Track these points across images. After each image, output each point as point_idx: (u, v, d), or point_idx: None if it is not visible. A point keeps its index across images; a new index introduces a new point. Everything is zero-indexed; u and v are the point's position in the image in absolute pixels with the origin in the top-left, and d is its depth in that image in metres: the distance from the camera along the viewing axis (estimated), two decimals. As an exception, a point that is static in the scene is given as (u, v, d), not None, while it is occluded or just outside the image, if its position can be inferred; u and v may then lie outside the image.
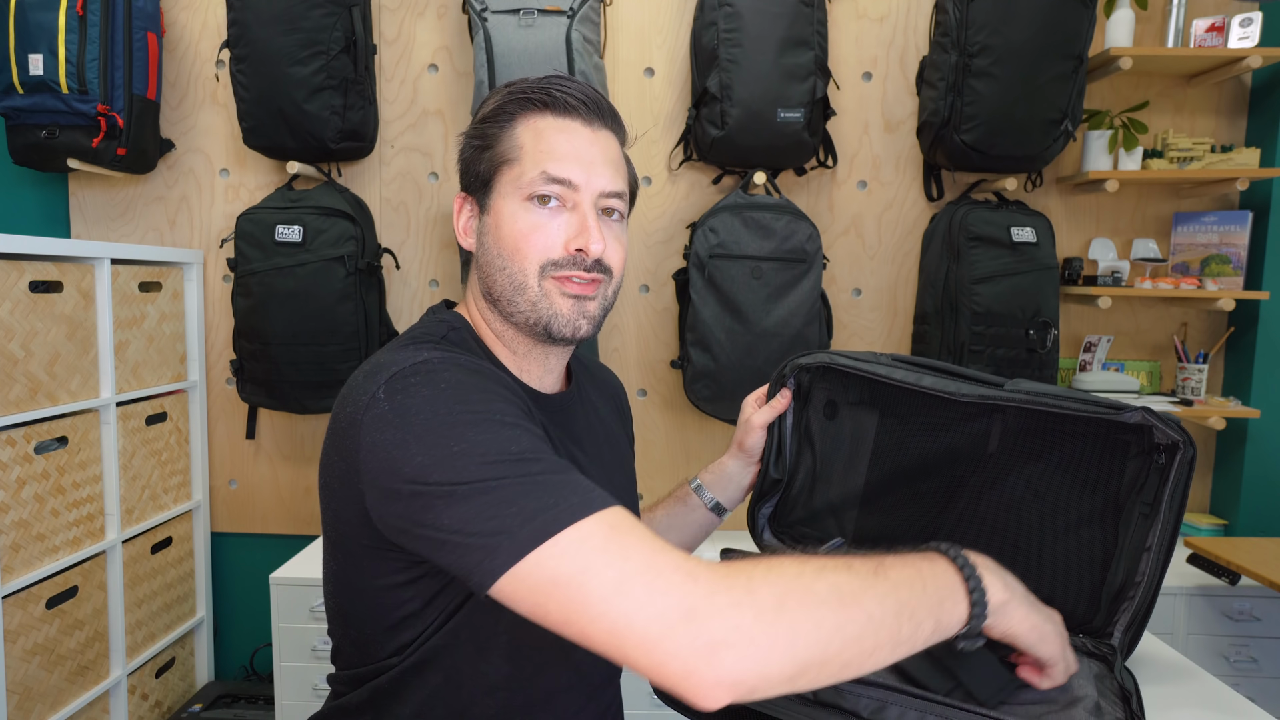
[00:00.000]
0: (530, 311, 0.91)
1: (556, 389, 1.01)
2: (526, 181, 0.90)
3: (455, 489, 0.70)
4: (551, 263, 0.90)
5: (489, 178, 0.93)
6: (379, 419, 0.77)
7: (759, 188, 2.36)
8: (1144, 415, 0.87)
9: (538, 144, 0.91)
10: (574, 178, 0.90)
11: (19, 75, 2.12)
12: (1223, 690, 1.13)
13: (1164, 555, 0.89)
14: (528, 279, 0.90)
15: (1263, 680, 2.20)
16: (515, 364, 0.96)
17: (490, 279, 0.93)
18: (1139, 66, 2.35)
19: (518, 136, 0.92)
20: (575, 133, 0.92)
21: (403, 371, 0.79)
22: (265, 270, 2.22)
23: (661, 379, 2.54)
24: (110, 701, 2.14)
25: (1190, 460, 0.87)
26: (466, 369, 0.81)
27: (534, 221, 0.90)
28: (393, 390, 0.78)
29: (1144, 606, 0.90)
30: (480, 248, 0.95)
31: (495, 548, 0.67)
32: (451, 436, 0.73)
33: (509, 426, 0.75)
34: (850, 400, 1.13)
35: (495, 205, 0.93)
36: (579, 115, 0.93)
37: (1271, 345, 2.41)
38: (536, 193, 0.90)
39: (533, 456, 0.73)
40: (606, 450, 1.06)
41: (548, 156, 0.90)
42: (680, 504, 1.18)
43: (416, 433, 0.74)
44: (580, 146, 0.91)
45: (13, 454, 1.82)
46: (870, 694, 0.80)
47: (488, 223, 0.94)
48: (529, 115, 0.93)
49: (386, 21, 2.46)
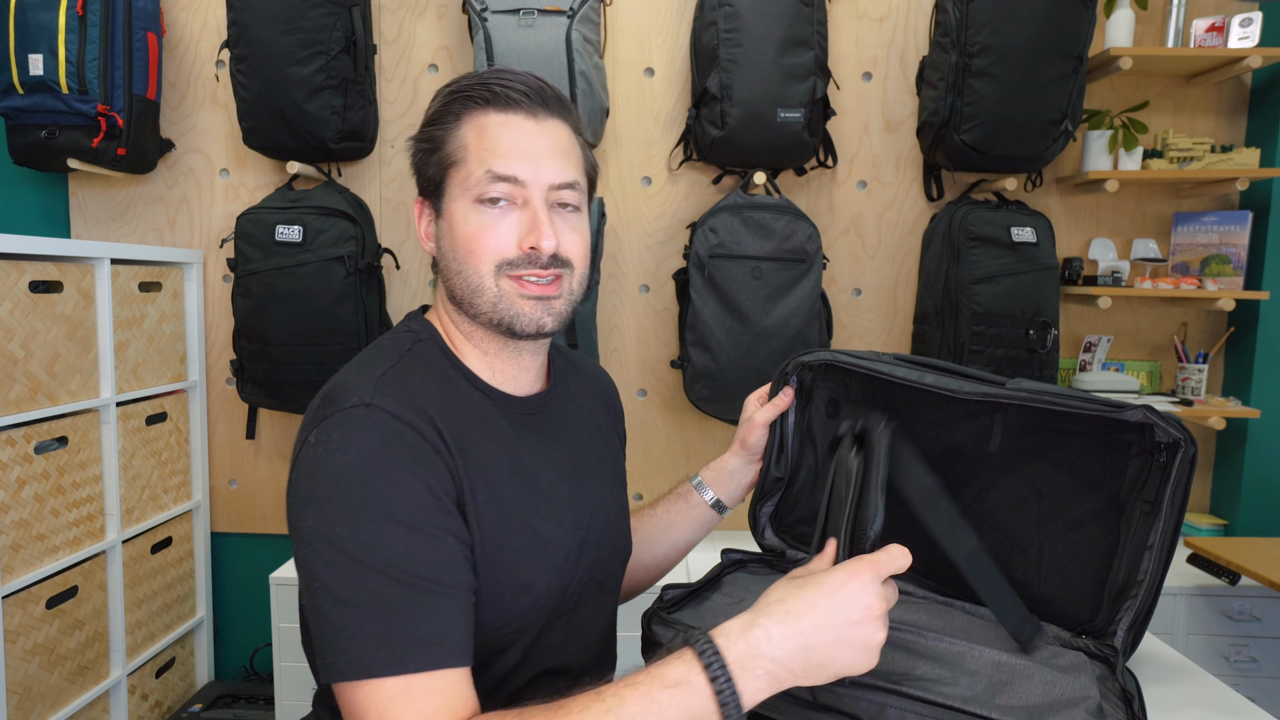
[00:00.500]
0: (491, 312, 0.90)
1: (535, 389, 1.00)
2: (474, 182, 0.89)
3: (316, 578, 0.77)
4: (506, 262, 0.89)
5: (439, 181, 0.92)
6: (302, 463, 0.81)
7: (759, 188, 2.36)
8: (1145, 413, 0.87)
9: (481, 142, 0.89)
10: (520, 174, 0.88)
11: (19, 75, 2.12)
12: (1223, 690, 1.13)
13: (1166, 554, 0.89)
14: (484, 280, 0.89)
15: (1263, 680, 2.20)
16: (487, 366, 0.95)
17: (450, 282, 0.93)
18: (1139, 66, 2.35)
19: (462, 136, 0.90)
20: (519, 126, 0.90)
21: (332, 420, 0.81)
22: (265, 270, 2.22)
23: (661, 379, 2.54)
24: (110, 701, 2.14)
25: (1192, 459, 0.87)
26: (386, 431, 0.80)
27: (484, 222, 0.89)
28: (319, 439, 0.81)
29: (1146, 605, 0.90)
30: (439, 252, 0.94)
31: (323, 656, 0.76)
32: (337, 515, 0.77)
33: (392, 523, 0.77)
34: (852, 399, 1.13)
35: (448, 209, 0.92)
36: (522, 108, 0.90)
37: (1271, 345, 2.41)
38: (485, 193, 0.88)
39: (394, 572, 0.76)
40: (589, 448, 1.05)
41: (492, 154, 0.88)
42: (681, 500, 1.18)
43: (316, 495, 0.79)
44: (525, 141, 0.90)
45: (13, 454, 1.82)
46: (870, 697, 0.80)
47: (443, 227, 0.93)
48: (472, 113, 0.91)
49: (386, 21, 2.46)
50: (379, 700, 0.73)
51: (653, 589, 1.34)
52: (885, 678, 0.82)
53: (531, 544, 0.88)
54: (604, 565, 1.00)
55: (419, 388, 0.86)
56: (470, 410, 0.90)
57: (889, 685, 0.81)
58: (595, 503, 1.00)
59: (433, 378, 0.90)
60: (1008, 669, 0.85)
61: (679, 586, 1.03)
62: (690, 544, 1.20)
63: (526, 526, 0.89)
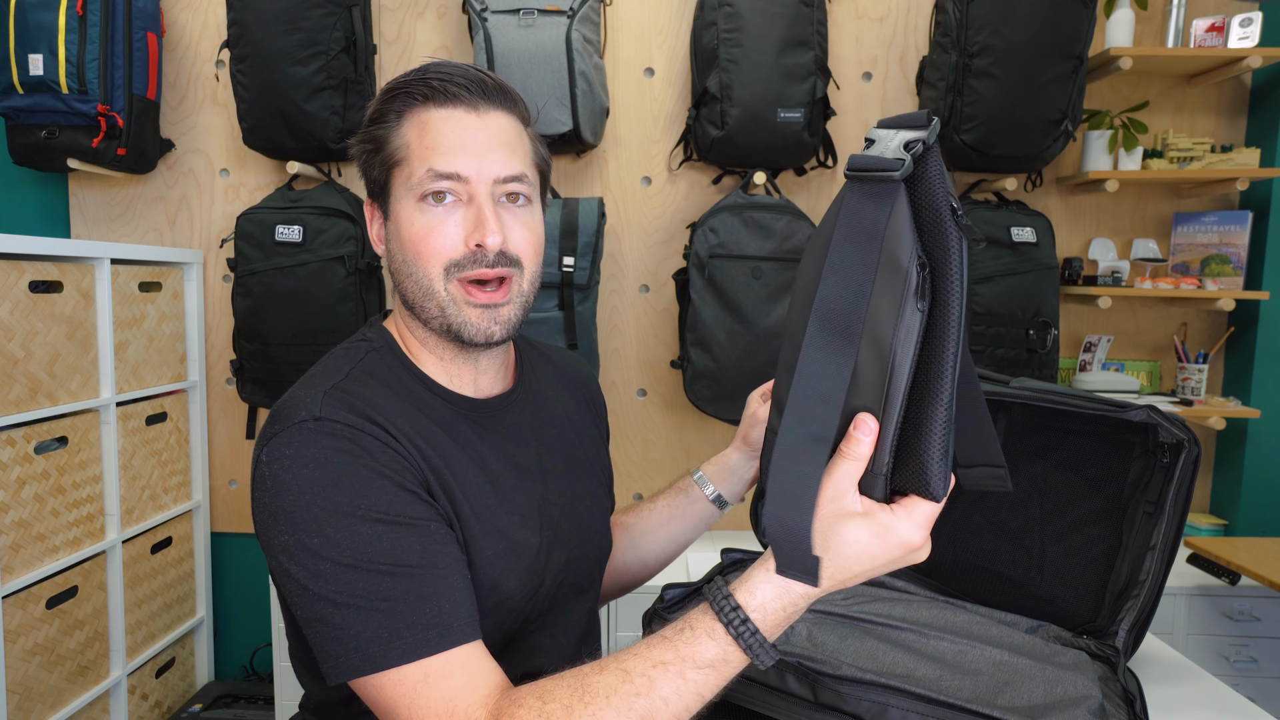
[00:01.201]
0: (440, 316, 0.88)
1: (497, 389, 0.98)
2: (416, 181, 0.86)
3: (306, 589, 0.76)
4: (454, 263, 0.86)
5: (384, 182, 0.90)
6: (260, 483, 0.80)
7: (759, 188, 2.36)
8: (1149, 414, 0.87)
9: (422, 140, 0.87)
10: (463, 170, 0.86)
11: (19, 75, 2.11)
12: (1224, 691, 1.13)
13: (1168, 554, 0.89)
14: (433, 282, 0.87)
15: (1263, 680, 2.20)
16: (444, 371, 0.93)
17: (402, 285, 0.90)
18: (1139, 66, 2.35)
19: (403, 135, 0.88)
20: (460, 121, 0.87)
21: (280, 437, 0.80)
22: (265, 270, 2.22)
23: (661, 379, 2.54)
24: (110, 701, 2.14)
25: (1195, 459, 0.87)
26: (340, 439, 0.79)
27: (429, 222, 0.86)
28: (271, 457, 0.79)
29: (1148, 605, 0.90)
30: (389, 255, 0.92)
31: (333, 657, 0.75)
32: (310, 527, 0.76)
33: (370, 523, 0.77)
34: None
35: (394, 210, 0.89)
36: (462, 101, 0.88)
37: (1271, 345, 2.41)
38: (428, 191, 0.86)
39: (385, 566, 0.75)
40: (564, 444, 1.03)
41: (433, 151, 0.86)
42: (681, 495, 1.17)
43: (284, 511, 0.77)
44: (467, 135, 0.87)
45: (13, 454, 1.81)
46: (872, 696, 0.80)
47: (391, 229, 0.91)
48: (413, 111, 0.88)
49: (386, 21, 2.46)
50: (403, 691, 0.73)
51: (653, 588, 1.34)
52: (887, 677, 0.82)
53: (499, 545, 0.88)
54: (577, 565, 0.98)
55: (369, 398, 0.85)
56: (429, 416, 0.89)
57: (891, 684, 0.81)
58: (565, 502, 0.99)
59: (386, 387, 0.88)
60: (1009, 668, 0.85)
61: (679, 586, 1.03)
62: (689, 539, 1.19)
63: (494, 527, 0.88)
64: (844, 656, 0.87)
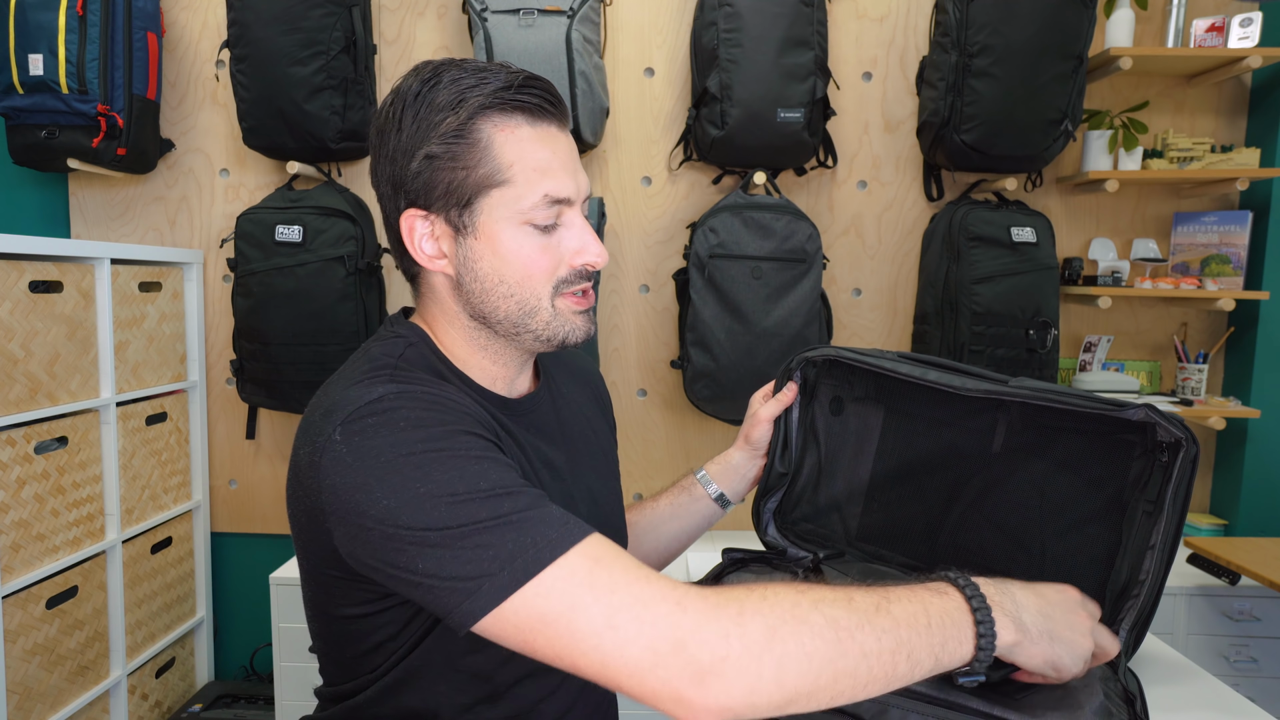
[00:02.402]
0: (544, 330, 0.89)
1: (528, 389, 0.99)
2: (528, 206, 0.85)
3: (426, 534, 0.71)
4: (562, 281, 0.89)
5: (469, 198, 0.86)
6: (337, 461, 0.76)
7: (759, 188, 2.36)
8: (1147, 412, 0.87)
9: (525, 161, 0.85)
10: (572, 194, 0.87)
11: (19, 75, 2.11)
12: (1223, 691, 1.13)
13: (1168, 554, 0.89)
14: (541, 302, 0.88)
15: (1263, 680, 2.20)
16: (486, 372, 0.93)
17: (490, 305, 0.88)
18: (1139, 66, 2.35)
19: (499, 154, 0.85)
20: (555, 140, 0.88)
21: (358, 412, 0.77)
22: (265, 270, 2.22)
23: (661, 379, 2.54)
24: (110, 701, 2.14)
25: (1194, 458, 0.87)
26: (424, 402, 0.79)
27: (541, 245, 0.87)
28: (349, 432, 0.76)
29: (1148, 605, 0.90)
30: (468, 272, 0.88)
31: (475, 590, 0.69)
32: (417, 476, 0.73)
33: (475, 460, 0.75)
34: (855, 396, 1.13)
35: (486, 228, 0.86)
36: (552, 118, 0.88)
37: (1271, 345, 2.41)
38: (539, 222, 0.86)
39: (503, 491, 0.73)
40: (584, 441, 1.05)
41: (543, 175, 0.85)
42: (684, 493, 1.18)
43: (379, 474, 0.73)
44: (563, 155, 0.88)
45: (13, 454, 1.81)
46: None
47: (476, 247, 0.87)
48: (503, 127, 0.85)
49: (386, 21, 2.46)
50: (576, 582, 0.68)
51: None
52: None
53: None
54: None
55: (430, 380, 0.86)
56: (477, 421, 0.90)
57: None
58: (589, 497, 1.00)
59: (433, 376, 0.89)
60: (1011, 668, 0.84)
61: (680, 586, 1.03)
62: (691, 537, 1.20)
63: None
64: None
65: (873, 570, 1.01)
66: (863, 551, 1.11)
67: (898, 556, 1.08)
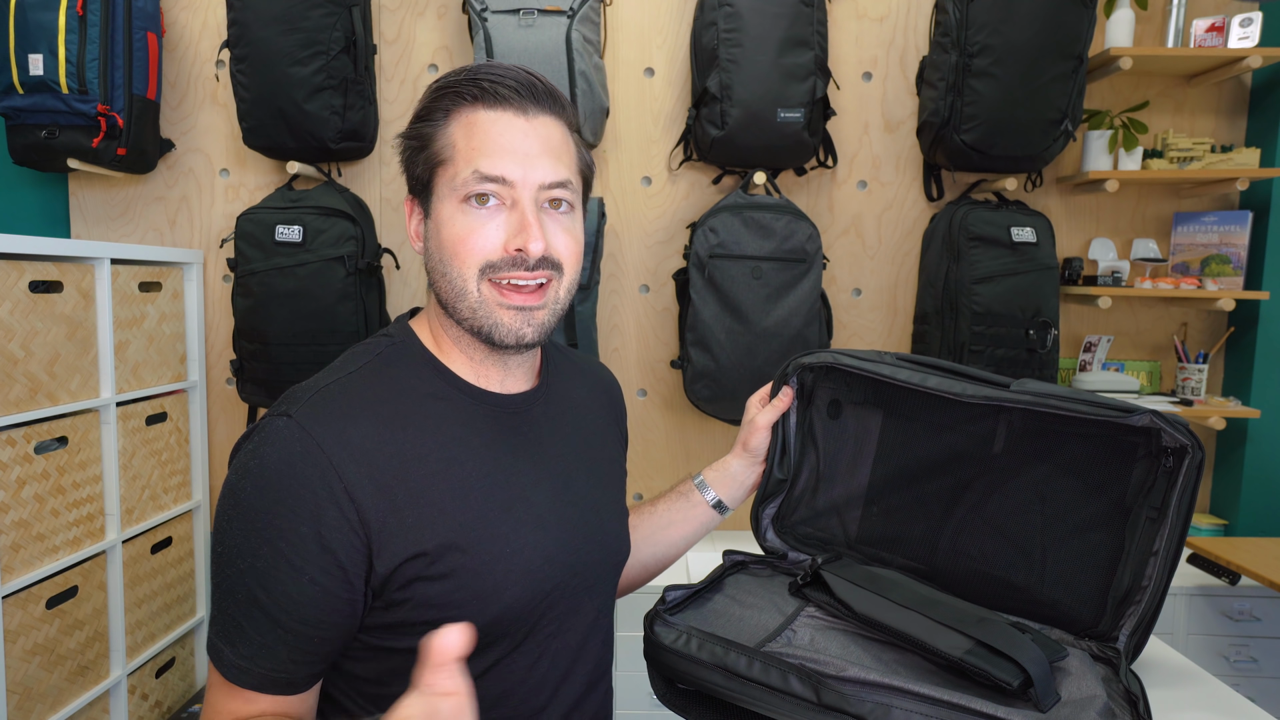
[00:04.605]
0: (471, 318, 0.88)
1: (522, 388, 0.98)
2: (460, 182, 0.86)
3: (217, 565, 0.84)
4: (490, 265, 0.86)
5: (427, 180, 0.89)
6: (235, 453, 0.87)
7: (759, 188, 2.36)
8: (1151, 418, 0.86)
9: (470, 141, 0.86)
10: (509, 174, 0.85)
11: (19, 75, 2.11)
12: (1223, 691, 1.13)
13: (1171, 560, 0.88)
14: (467, 284, 0.87)
15: (1263, 680, 2.21)
16: (473, 370, 0.93)
17: (436, 284, 0.90)
18: (1139, 66, 2.35)
19: (450, 134, 0.88)
20: (509, 124, 0.87)
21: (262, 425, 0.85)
22: (265, 270, 2.22)
23: (661, 379, 2.54)
24: (110, 701, 2.14)
25: (1199, 464, 0.86)
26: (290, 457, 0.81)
27: (470, 223, 0.86)
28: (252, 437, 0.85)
29: (1150, 611, 0.90)
30: (427, 253, 0.92)
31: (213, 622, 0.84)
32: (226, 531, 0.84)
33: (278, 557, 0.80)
34: (854, 400, 1.13)
35: (435, 208, 0.89)
36: (512, 104, 0.87)
37: (1271, 345, 2.41)
38: (472, 192, 0.85)
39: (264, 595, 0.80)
40: (583, 448, 1.03)
41: (479, 153, 0.86)
42: (682, 499, 1.17)
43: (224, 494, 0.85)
44: (514, 139, 0.86)
45: (13, 454, 1.81)
46: (875, 697, 0.80)
47: (430, 227, 0.90)
48: (461, 110, 0.88)
49: (386, 21, 2.46)
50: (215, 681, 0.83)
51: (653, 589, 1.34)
52: (891, 678, 0.82)
53: (502, 548, 0.87)
54: (594, 568, 0.98)
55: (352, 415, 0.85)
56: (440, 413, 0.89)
57: (895, 684, 0.81)
58: (586, 504, 0.98)
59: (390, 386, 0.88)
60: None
61: (681, 587, 1.02)
62: (689, 543, 1.19)
63: (496, 531, 0.87)
64: (848, 659, 0.87)
65: (873, 573, 1.01)
66: (862, 554, 1.11)
67: (898, 559, 1.08)
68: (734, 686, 0.84)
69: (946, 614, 0.88)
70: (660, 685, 0.95)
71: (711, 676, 0.85)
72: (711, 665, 0.85)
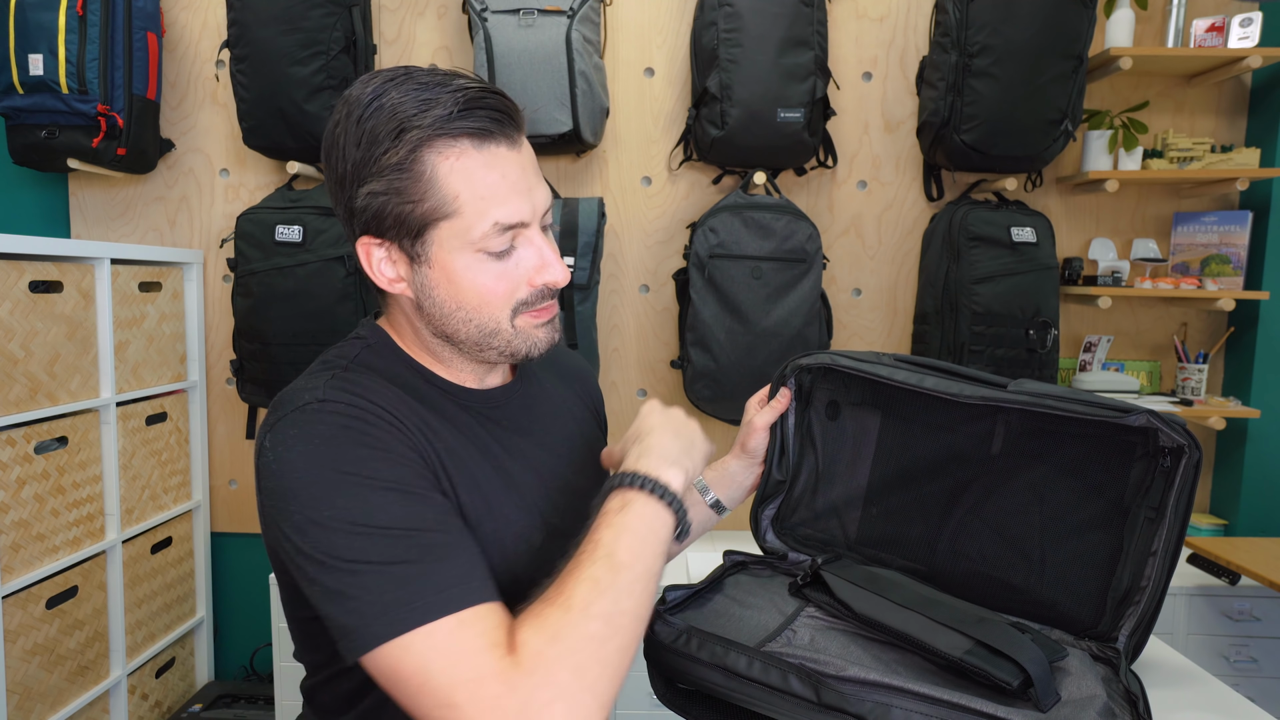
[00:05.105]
0: (506, 348, 0.89)
1: (500, 382, 0.99)
2: (479, 236, 0.82)
3: (323, 563, 0.74)
4: (521, 303, 0.87)
5: (419, 230, 0.83)
6: (265, 469, 0.79)
7: (759, 188, 2.36)
8: (1149, 418, 0.86)
9: (474, 189, 0.82)
10: (525, 217, 0.84)
11: (19, 75, 2.11)
12: (1223, 691, 1.13)
13: (1170, 560, 0.88)
14: (500, 325, 0.87)
15: (1263, 680, 2.21)
16: (449, 371, 0.93)
17: (450, 328, 0.88)
18: (1139, 66, 2.35)
19: (444, 185, 0.81)
20: (504, 160, 0.83)
21: (285, 420, 0.80)
22: (265, 270, 2.22)
23: (661, 379, 2.54)
24: (110, 701, 2.14)
25: (1196, 464, 0.86)
26: (346, 417, 0.79)
27: (496, 271, 0.85)
28: (275, 440, 0.79)
29: (1150, 611, 0.90)
30: (426, 298, 0.87)
31: (352, 631, 0.72)
32: (322, 500, 0.75)
33: (381, 490, 0.76)
34: (852, 401, 1.13)
35: (439, 259, 0.84)
36: (500, 138, 0.83)
37: (1271, 345, 2.41)
38: (492, 249, 0.83)
39: (400, 531, 0.74)
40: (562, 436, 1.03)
41: (491, 203, 0.82)
42: None
43: (292, 490, 0.76)
44: (514, 176, 0.83)
45: (13, 454, 1.81)
46: (875, 697, 0.80)
47: (431, 275, 0.85)
48: (446, 156, 0.81)
49: (386, 21, 2.46)
50: (432, 647, 0.70)
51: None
52: (891, 677, 0.82)
53: (506, 528, 0.89)
54: None
55: (371, 387, 0.85)
56: (428, 406, 0.89)
57: (895, 684, 0.81)
58: (569, 490, 0.99)
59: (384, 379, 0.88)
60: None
61: (681, 587, 1.03)
62: (685, 542, 1.19)
63: (500, 511, 0.89)
64: (848, 659, 0.87)
65: (873, 573, 1.01)
66: (862, 556, 1.11)
67: (897, 560, 1.08)
68: (734, 686, 0.84)
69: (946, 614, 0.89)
70: (660, 685, 0.95)
71: (711, 676, 0.86)
72: (711, 665, 0.85)
